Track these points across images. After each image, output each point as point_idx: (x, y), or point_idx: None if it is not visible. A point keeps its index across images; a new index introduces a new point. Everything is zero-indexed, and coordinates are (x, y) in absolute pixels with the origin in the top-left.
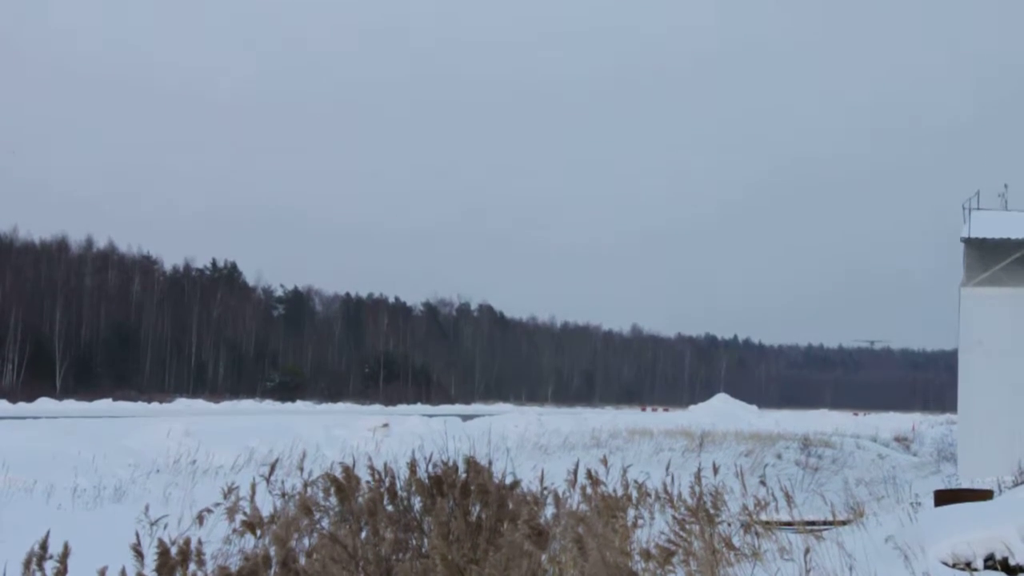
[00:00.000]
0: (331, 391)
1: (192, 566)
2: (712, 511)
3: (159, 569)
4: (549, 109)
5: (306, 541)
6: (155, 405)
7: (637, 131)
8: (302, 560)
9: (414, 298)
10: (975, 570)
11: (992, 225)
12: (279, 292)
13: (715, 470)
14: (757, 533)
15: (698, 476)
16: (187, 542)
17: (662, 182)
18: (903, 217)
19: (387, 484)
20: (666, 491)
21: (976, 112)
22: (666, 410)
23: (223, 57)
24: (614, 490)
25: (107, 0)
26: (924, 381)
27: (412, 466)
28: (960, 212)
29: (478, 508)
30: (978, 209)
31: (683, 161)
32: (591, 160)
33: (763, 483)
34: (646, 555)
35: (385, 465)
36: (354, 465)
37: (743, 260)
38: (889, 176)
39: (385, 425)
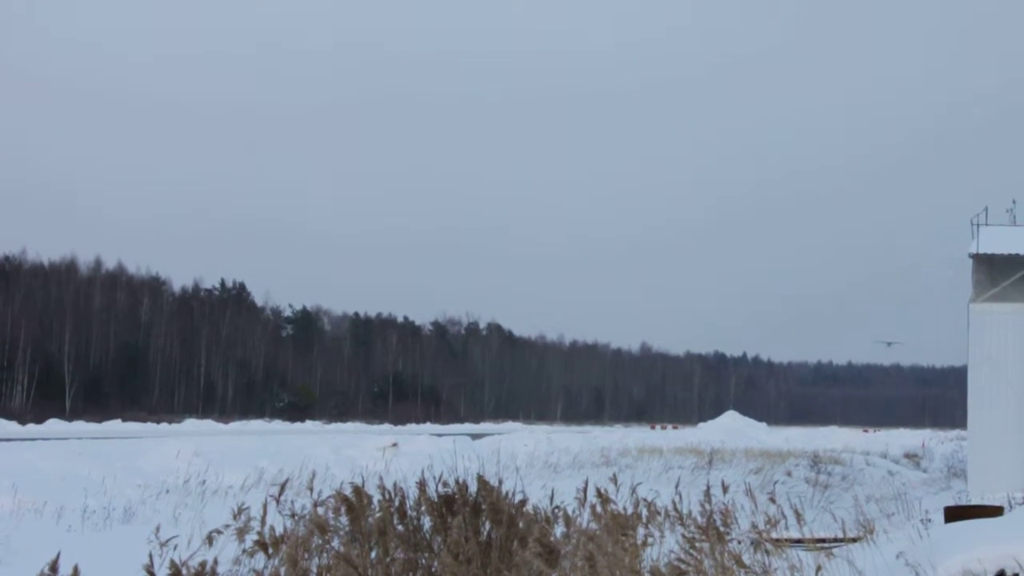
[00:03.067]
0: (340, 411)
1: None
2: (722, 529)
3: None
4: (550, 123)
5: (316, 561)
6: (164, 426)
7: (637, 144)
8: None
9: (423, 317)
10: None
11: (1001, 241)
12: (288, 312)
13: (725, 488)
14: (767, 551)
15: (708, 494)
16: (203, 565)
17: (664, 197)
18: (912, 232)
19: (397, 504)
20: (676, 509)
21: (984, 125)
22: (675, 428)
23: (226, 74)
24: (624, 508)
25: (110, 20)
26: (934, 397)
27: (422, 485)
28: (968, 227)
29: (488, 527)
30: (986, 225)
31: (685, 174)
32: (592, 174)
33: (773, 500)
34: (656, 573)
35: (395, 484)
36: (364, 485)
37: (750, 278)
38: (898, 191)
39: (394, 444)
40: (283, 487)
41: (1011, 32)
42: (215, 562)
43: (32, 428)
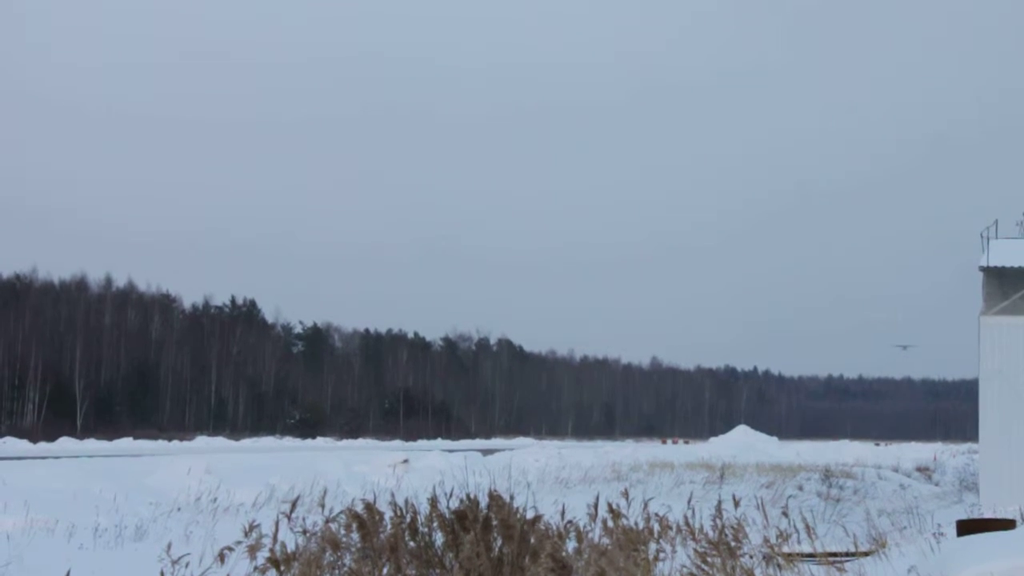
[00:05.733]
0: (351, 427)
1: None
2: (733, 544)
3: None
4: (554, 135)
5: None
6: (175, 443)
7: (639, 156)
8: None
9: (433, 333)
10: None
11: (1011, 253)
12: (298, 329)
13: (736, 502)
14: (779, 565)
15: (719, 508)
16: None
17: (669, 210)
18: (923, 243)
19: (408, 520)
20: (687, 524)
21: (993, 133)
22: (687, 442)
23: (233, 89)
24: (635, 523)
25: (109, 39)
26: (945, 410)
27: (433, 502)
28: (979, 240)
29: (500, 543)
30: (997, 238)
31: (690, 186)
32: (594, 186)
33: (785, 515)
34: None
35: (406, 501)
36: (375, 501)
37: (760, 292)
38: (908, 201)
39: (405, 461)
40: (294, 504)
41: (1015, 41)
42: None
43: (43, 446)
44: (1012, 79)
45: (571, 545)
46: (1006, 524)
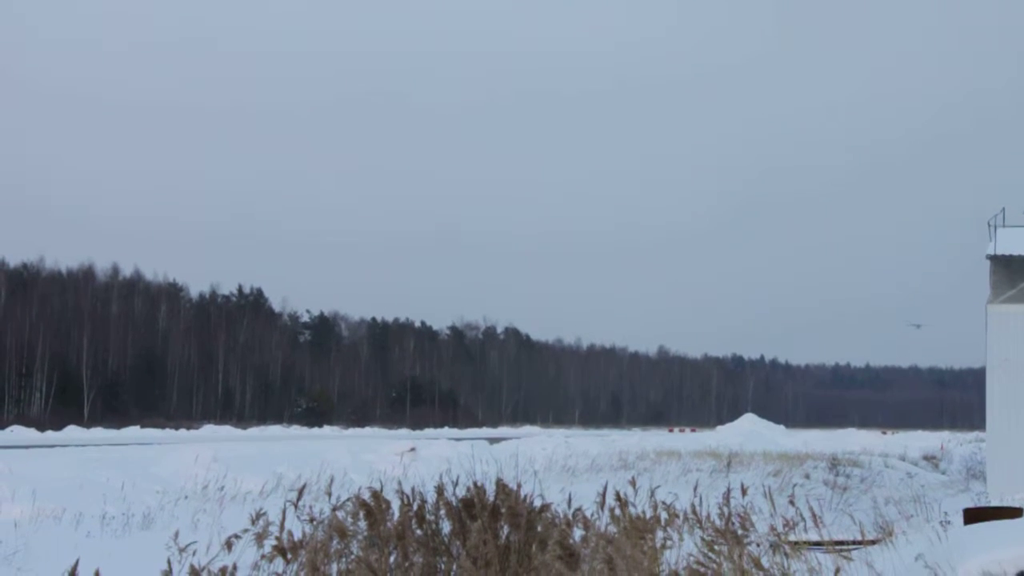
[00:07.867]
0: (358, 416)
1: None
2: (740, 532)
3: None
4: (553, 123)
5: (335, 567)
6: (182, 432)
7: (645, 144)
8: None
9: (440, 322)
10: None
11: (1018, 242)
12: (305, 318)
13: (743, 490)
14: (786, 554)
15: (726, 497)
16: (223, 570)
17: (675, 198)
18: (930, 233)
19: (416, 508)
20: (694, 512)
21: (1003, 124)
22: (693, 431)
23: (233, 77)
24: (642, 512)
25: (114, 28)
26: (952, 399)
27: (440, 490)
28: (986, 229)
29: (507, 531)
30: (1004, 226)
31: (695, 174)
32: (594, 174)
33: (792, 503)
34: None
35: (413, 489)
36: (382, 489)
37: (768, 280)
38: (915, 191)
39: (412, 449)
40: (301, 492)
41: (1014, 32)
42: (234, 567)
43: (51, 435)
44: (1011, 66)
45: (578, 533)
46: (1013, 512)
